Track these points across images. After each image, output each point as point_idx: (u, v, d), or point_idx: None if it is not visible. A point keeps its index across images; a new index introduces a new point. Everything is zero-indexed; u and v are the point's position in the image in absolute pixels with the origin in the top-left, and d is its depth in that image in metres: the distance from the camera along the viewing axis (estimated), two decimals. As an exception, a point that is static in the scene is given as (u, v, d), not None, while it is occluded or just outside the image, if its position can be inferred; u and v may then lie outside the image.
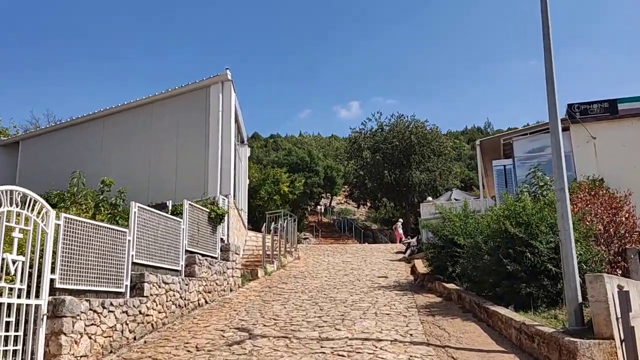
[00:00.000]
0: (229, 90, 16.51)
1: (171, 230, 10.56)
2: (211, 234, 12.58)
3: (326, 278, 14.97)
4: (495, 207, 11.16)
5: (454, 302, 10.79)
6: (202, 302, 11.28)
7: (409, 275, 15.29)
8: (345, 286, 13.35)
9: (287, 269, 17.39)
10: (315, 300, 11.52)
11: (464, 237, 11.57)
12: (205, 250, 12.01)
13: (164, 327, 9.48)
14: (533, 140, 18.78)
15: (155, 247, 9.85)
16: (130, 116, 17.71)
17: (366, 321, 9.30)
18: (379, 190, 36.19)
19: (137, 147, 17.14)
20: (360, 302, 11.10)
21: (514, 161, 18.88)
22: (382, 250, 24.05)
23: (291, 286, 13.60)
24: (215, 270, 12.11)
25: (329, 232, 38.92)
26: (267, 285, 13.95)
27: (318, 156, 39.30)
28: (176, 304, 10.11)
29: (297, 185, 32.82)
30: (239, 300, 11.95)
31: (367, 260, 19.33)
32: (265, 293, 12.68)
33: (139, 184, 16.34)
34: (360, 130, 38.58)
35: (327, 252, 22.89)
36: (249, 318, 9.93)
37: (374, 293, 12.15)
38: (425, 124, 36.63)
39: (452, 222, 12.44)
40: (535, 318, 8.06)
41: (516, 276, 9.22)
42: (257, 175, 31.27)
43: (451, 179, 37.28)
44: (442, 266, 12.05)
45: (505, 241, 9.76)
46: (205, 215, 12.33)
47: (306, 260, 20.12)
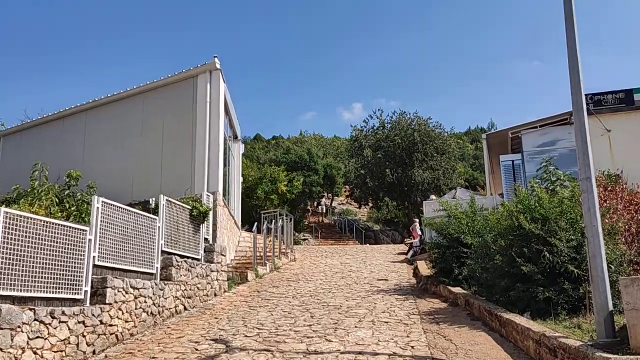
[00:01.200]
0: (217, 79, 15.40)
1: (144, 229, 9.45)
2: (193, 234, 11.46)
3: (321, 281, 13.84)
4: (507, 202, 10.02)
5: (461, 308, 9.64)
6: (180, 309, 10.15)
7: (411, 278, 14.14)
8: (341, 290, 12.21)
9: (281, 272, 16.26)
10: (306, 306, 10.38)
11: (472, 236, 10.43)
12: (185, 251, 10.90)
13: (131, 338, 8.35)
14: (543, 134, 17.57)
15: (124, 247, 8.73)
16: (113, 109, 16.62)
17: (362, 331, 8.16)
18: (381, 190, 34.96)
19: (121, 142, 16.05)
20: (357, 308, 9.96)
21: (523, 156, 17.67)
22: (383, 251, 22.91)
23: (282, 290, 12.46)
24: (197, 273, 10.99)
25: (329, 233, 37.76)
26: (256, 289, 12.82)
27: (317, 154, 38.04)
28: (148, 311, 8.98)
29: (296, 185, 31.67)
30: (222, 306, 10.82)
31: (366, 262, 18.19)
32: (253, 298, 11.55)
33: (123, 181, 15.32)
34: (361, 128, 37.45)
35: (326, 254, 21.76)
36: (230, 327, 8.80)
37: (372, 298, 11.02)
38: (428, 122, 35.44)
39: (458, 220, 11.30)
40: (557, 328, 6.91)
41: (532, 279, 8.10)
42: (254, 174, 30.19)
43: (455, 178, 36.01)
44: (448, 268, 10.91)
45: (518, 239, 8.63)
46: (186, 213, 11.22)
47: (302, 262, 19.00)
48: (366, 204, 39.25)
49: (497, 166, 20.90)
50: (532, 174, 17.37)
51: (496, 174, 21.24)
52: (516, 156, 17.96)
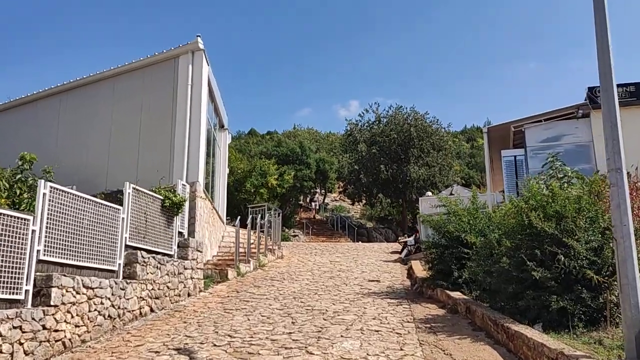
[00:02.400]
0: (200, 61, 14.24)
1: (105, 220, 8.32)
2: (165, 227, 10.34)
3: (308, 281, 12.75)
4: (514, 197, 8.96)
5: (461, 315, 8.58)
6: (146, 311, 9.03)
7: (404, 280, 13.07)
8: (328, 292, 11.13)
9: (266, 270, 15.17)
10: (288, 310, 9.28)
11: (474, 235, 9.37)
12: (155, 246, 9.78)
13: (82, 345, 7.23)
14: (548, 128, 16.56)
15: (78, 241, 7.60)
16: (89, 92, 15.43)
17: (348, 341, 7.08)
18: (375, 186, 33.87)
19: (96, 127, 14.89)
20: (344, 314, 8.88)
21: (526, 151, 16.67)
22: (375, 249, 21.86)
23: (264, 291, 11.36)
24: (168, 270, 9.87)
25: (321, 230, 36.68)
26: (236, 289, 11.72)
27: (310, 148, 36.85)
28: (105, 314, 7.86)
29: (287, 179, 30.54)
30: (194, 308, 9.71)
31: (358, 261, 17.11)
32: (230, 299, 10.44)
33: (98, 169, 14.21)
34: (356, 122, 36.32)
35: (315, 251, 20.68)
36: (199, 334, 7.69)
37: (362, 301, 9.94)
38: (425, 117, 34.37)
39: (459, 217, 10.23)
40: (575, 344, 5.85)
41: (544, 285, 7.04)
42: (243, 167, 29.05)
43: (452, 175, 34.99)
44: (446, 270, 9.84)
45: (528, 239, 7.57)
46: (157, 204, 10.09)
47: (290, 259, 17.91)
48: (360, 200, 38.12)
49: (497, 162, 19.88)
50: (536, 170, 16.35)
51: (496, 171, 20.23)
52: (519, 151, 16.94)
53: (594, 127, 15.93)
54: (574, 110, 16.21)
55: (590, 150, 15.88)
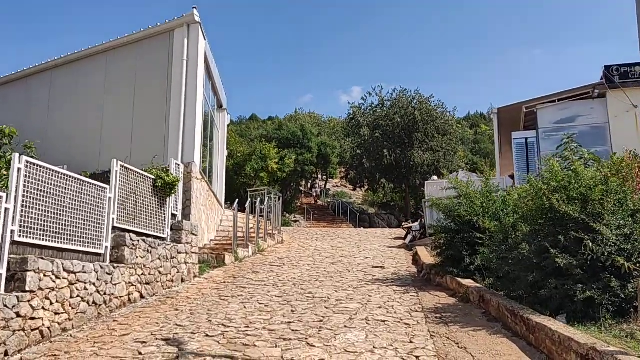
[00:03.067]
0: (196, 34, 13.51)
1: (91, 199, 7.68)
2: (157, 208, 9.70)
3: (308, 267, 12.15)
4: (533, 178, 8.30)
5: (474, 305, 7.96)
6: (135, 297, 8.43)
7: (410, 266, 12.46)
8: (330, 278, 10.53)
9: (265, 255, 14.57)
10: (287, 297, 8.68)
11: (488, 219, 8.73)
12: (145, 228, 9.15)
13: (62, 334, 6.63)
14: (562, 109, 15.81)
15: (59, 221, 6.98)
16: (80, 68, 14.72)
17: (352, 332, 6.48)
18: (378, 171, 33.13)
19: (89, 105, 14.20)
20: (347, 302, 8.27)
21: (538, 133, 15.94)
22: (378, 235, 21.25)
23: (262, 277, 10.76)
24: (160, 254, 9.25)
25: (322, 215, 36.06)
26: (233, 274, 11.12)
27: (311, 131, 36.02)
28: (89, 300, 7.26)
29: (287, 163, 29.84)
30: (188, 294, 9.11)
31: (360, 247, 16.51)
32: (226, 285, 9.84)
33: (90, 148, 13.56)
34: (359, 105, 35.48)
35: (317, 237, 20.09)
36: (190, 322, 7.09)
37: (367, 289, 9.33)
38: (430, 100, 33.52)
39: (470, 200, 9.57)
40: (607, 338, 5.24)
41: (568, 273, 6.42)
42: (243, 150, 28.36)
43: (456, 161, 34.25)
44: (457, 256, 9.20)
45: (550, 224, 6.94)
46: (148, 184, 9.45)
47: (290, 244, 17.32)
48: (362, 186, 37.39)
49: (507, 145, 19.17)
50: (548, 153, 15.61)
51: (505, 155, 19.53)
52: (530, 133, 16.22)
53: (610, 108, 15.20)
54: (590, 90, 15.46)
55: (606, 132, 15.16)
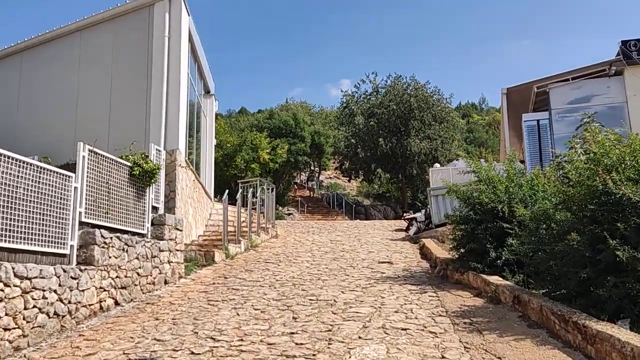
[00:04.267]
0: (178, 9, 12.20)
1: (51, 190, 6.41)
2: (135, 201, 8.44)
3: (308, 264, 10.95)
4: (578, 155, 7.15)
5: (507, 306, 6.80)
6: (108, 305, 7.18)
7: (421, 261, 11.29)
8: (334, 277, 9.33)
9: (259, 251, 13.35)
10: (287, 300, 7.47)
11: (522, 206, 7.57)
12: (120, 223, 7.89)
13: (15, 355, 5.38)
14: (576, 88, 14.69)
15: (8, 216, 5.71)
16: (52, 49, 13.35)
17: (370, 346, 5.31)
18: (373, 161, 31.96)
19: (63, 89, 12.86)
20: (358, 305, 7.09)
21: (551, 114, 14.82)
22: (378, 227, 20.09)
23: (257, 276, 9.54)
24: (138, 253, 8.00)
25: (316, 208, 34.87)
26: (224, 274, 9.89)
27: (304, 120, 34.70)
28: (49, 312, 6.01)
29: (280, 153, 28.55)
30: (171, 299, 7.87)
31: (361, 240, 15.33)
32: (216, 287, 8.61)
33: (64, 135, 12.22)
34: (352, 93, 34.24)
35: (313, 230, 18.88)
36: (172, 336, 5.87)
37: (377, 288, 8.15)
38: (426, 87, 32.38)
39: (493, 186, 8.39)
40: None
41: (630, 268, 5.28)
42: (233, 140, 27.02)
43: (454, 149, 33.17)
44: (479, 249, 8.03)
45: (603, 210, 5.77)
46: (123, 172, 8.18)
47: (285, 239, 16.11)
48: (357, 176, 36.19)
49: (513, 130, 18.08)
50: (561, 135, 14.55)
51: (511, 140, 18.44)
52: (542, 115, 15.08)
53: (628, 86, 14.11)
54: (606, 67, 14.35)
55: (624, 112, 14.06)
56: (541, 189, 8.20)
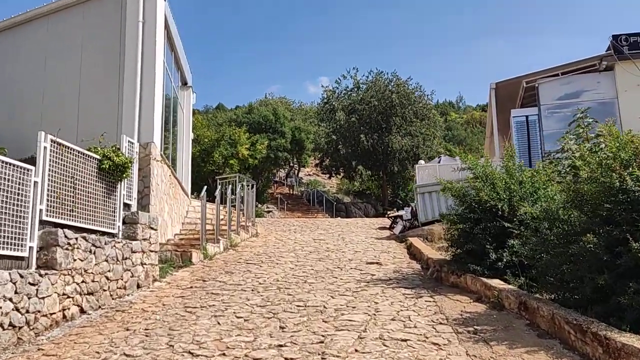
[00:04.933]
0: (153, -8, 11.43)
1: (6, 185, 5.66)
2: (105, 197, 7.70)
3: (292, 265, 10.32)
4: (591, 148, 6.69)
5: (512, 313, 6.29)
6: (73, 313, 6.45)
7: (410, 261, 10.77)
8: (321, 279, 8.73)
9: (239, 250, 12.68)
10: (272, 307, 6.84)
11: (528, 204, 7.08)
12: (87, 222, 7.16)
13: (-44, 377, 4.66)
14: (566, 83, 14.37)
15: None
16: (18, 36, 12.44)
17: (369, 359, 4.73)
18: (354, 157, 31.44)
19: (28, 77, 11.96)
20: (350, 312, 6.50)
21: (540, 110, 14.48)
22: (360, 225, 19.56)
23: (238, 279, 8.88)
24: (107, 255, 7.28)
25: (296, 205, 34.22)
26: (202, 276, 9.20)
27: (284, 115, 33.96)
28: (3, 323, 5.26)
29: (259, 148, 27.81)
30: (144, 305, 7.17)
31: (345, 239, 14.76)
32: (194, 291, 7.92)
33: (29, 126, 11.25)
34: (333, 89, 33.63)
35: (294, 228, 18.26)
36: (144, 350, 5.19)
37: (369, 292, 7.57)
38: (407, 82, 31.95)
39: (491, 183, 7.89)
40: None
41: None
42: (211, 135, 26.19)
43: (435, 146, 32.86)
44: (478, 250, 7.51)
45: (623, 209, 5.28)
46: (91, 166, 7.44)
47: (266, 237, 15.45)
48: (337, 173, 35.62)
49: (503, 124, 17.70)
50: (551, 132, 14.21)
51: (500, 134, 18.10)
52: (531, 111, 14.73)
53: (619, 82, 13.83)
54: (596, 62, 14.05)
55: (615, 108, 13.79)
56: (542, 185, 7.74)
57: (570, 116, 14.00)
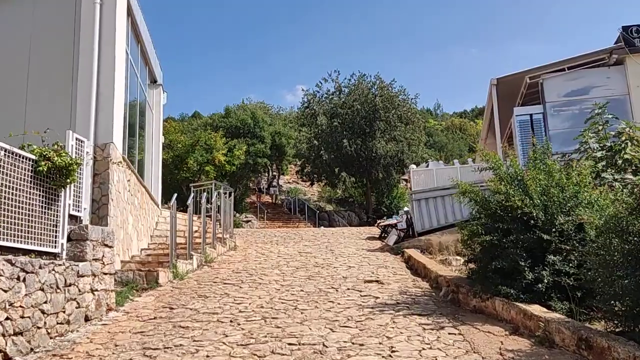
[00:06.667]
0: (113, -31, 9.87)
1: None
2: (42, 208, 6.09)
3: (278, 285, 8.79)
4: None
5: (566, 351, 4.87)
6: (-11, 365, 4.85)
7: (415, 279, 9.33)
8: (314, 304, 7.23)
9: (215, 267, 11.11)
10: (257, 346, 5.31)
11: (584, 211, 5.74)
12: (16, 239, 5.54)
13: None
14: (573, 79, 13.22)
15: None
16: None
17: None
18: (337, 164, 30.00)
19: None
20: (358, 353, 5.02)
21: (545, 108, 13.28)
22: (347, 235, 18.10)
23: (213, 305, 7.31)
24: (44, 282, 5.66)
25: (277, 214, 32.61)
26: (169, 302, 7.61)
27: (264, 119, 32.32)
28: None
29: (237, 154, 26.19)
30: (91, 347, 5.56)
31: (335, 251, 13.29)
32: (158, 325, 6.33)
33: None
34: (314, 92, 32.17)
35: (276, 239, 16.71)
36: None
37: (377, 322, 6.10)
38: (391, 86, 30.71)
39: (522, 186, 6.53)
40: None
41: None
42: (185, 140, 24.52)
43: (421, 152, 31.59)
44: (508, 268, 6.12)
45: None
46: (24, 168, 5.84)
47: (246, 251, 13.89)
48: (319, 180, 34.10)
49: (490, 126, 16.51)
50: (558, 131, 13.03)
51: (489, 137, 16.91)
52: (535, 109, 13.51)
53: (630, 76, 12.75)
54: (605, 55, 12.95)
55: (627, 105, 12.68)
56: (583, 188, 6.41)
57: (578, 114, 12.88)
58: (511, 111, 14.10)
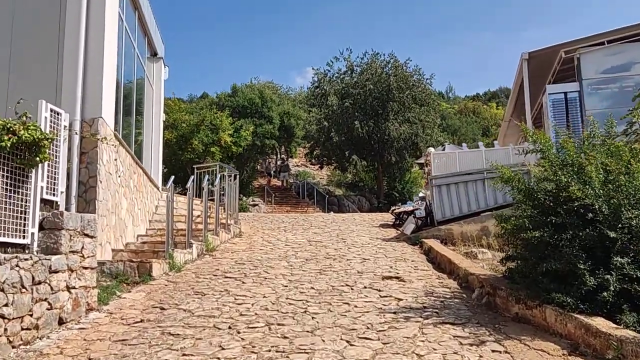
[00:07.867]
0: None
1: None
2: (7, 190, 5.12)
3: (285, 281, 7.81)
4: None
5: (650, 382, 3.88)
6: None
7: (440, 275, 8.30)
8: (327, 306, 6.24)
9: (216, 257, 10.17)
10: (259, 364, 4.36)
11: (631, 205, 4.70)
12: (-31, 230, 4.59)
13: None
14: (613, 54, 12.00)
15: None
16: None
17: None
18: (348, 146, 28.84)
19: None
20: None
21: (582, 86, 12.09)
22: (359, 222, 17.09)
23: (210, 305, 6.35)
24: (4, 280, 4.71)
25: (285, 198, 31.60)
26: (161, 300, 6.65)
27: (272, 98, 31.10)
28: None
29: (244, 135, 25.13)
30: (62, 357, 4.64)
31: (346, 240, 12.30)
32: (144, 331, 5.38)
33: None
34: (325, 72, 30.88)
35: (284, 225, 15.76)
36: None
37: (403, 333, 5.09)
38: (406, 65, 29.39)
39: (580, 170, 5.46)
40: None
41: None
42: (189, 119, 23.49)
43: (435, 135, 30.34)
44: (563, 271, 5.09)
45: None
46: (-18, 143, 4.85)
47: (251, 238, 12.95)
48: (329, 163, 32.96)
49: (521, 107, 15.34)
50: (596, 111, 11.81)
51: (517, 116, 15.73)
52: (571, 86, 12.31)
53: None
54: (652, 27, 11.69)
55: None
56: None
57: (618, 93, 11.70)
58: (540, 90, 12.93)
